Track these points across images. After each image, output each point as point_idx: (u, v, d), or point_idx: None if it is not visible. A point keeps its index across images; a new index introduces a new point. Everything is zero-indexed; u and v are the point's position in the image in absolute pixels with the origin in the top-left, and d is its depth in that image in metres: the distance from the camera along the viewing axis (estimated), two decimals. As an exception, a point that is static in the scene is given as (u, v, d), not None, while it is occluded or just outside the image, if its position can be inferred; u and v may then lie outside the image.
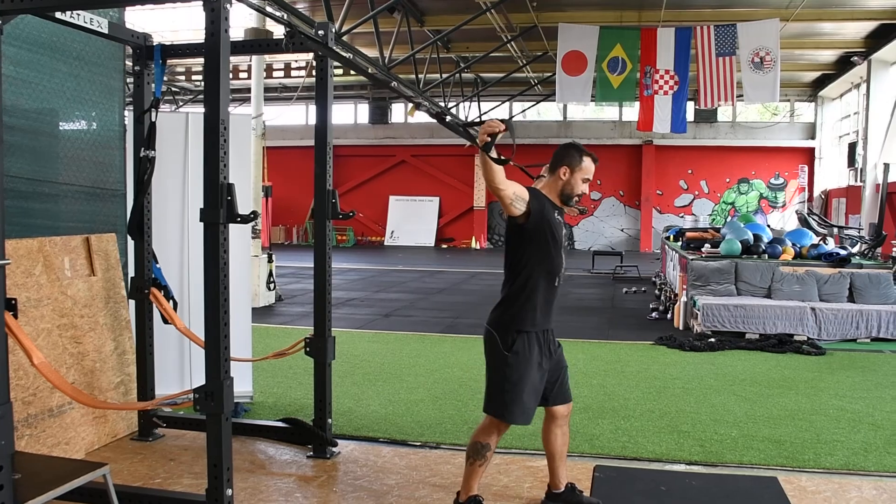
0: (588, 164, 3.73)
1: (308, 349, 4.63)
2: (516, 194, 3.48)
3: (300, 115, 29.48)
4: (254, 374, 6.36)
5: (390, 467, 4.49)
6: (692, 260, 10.23)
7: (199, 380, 5.85)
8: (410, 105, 4.80)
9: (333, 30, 4.45)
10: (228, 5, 3.36)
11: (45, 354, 4.29)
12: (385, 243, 28.75)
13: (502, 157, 3.40)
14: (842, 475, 4.53)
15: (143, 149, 4.55)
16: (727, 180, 26.76)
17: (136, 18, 17.26)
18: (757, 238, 10.75)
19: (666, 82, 16.40)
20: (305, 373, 6.71)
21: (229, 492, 3.48)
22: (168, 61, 4.85)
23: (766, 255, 10.32)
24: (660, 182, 26.94)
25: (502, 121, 3.19)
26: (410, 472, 4.41)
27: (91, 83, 5.09)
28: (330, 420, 4.72)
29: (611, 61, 16.51)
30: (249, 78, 23.68)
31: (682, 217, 22.18)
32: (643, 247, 26.29)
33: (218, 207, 3.39)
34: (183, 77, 24.30)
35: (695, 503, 4.06)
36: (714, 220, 25.09)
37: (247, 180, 5.90)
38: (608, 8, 16.74)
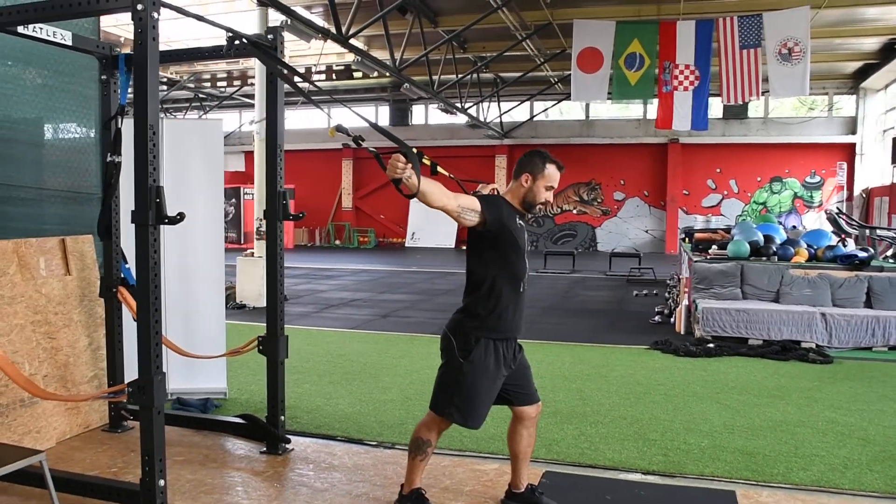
0: (551, 172, 3.68)
1: (261, 348, 4.66)
2: (462, 207, 3.44)
3: (322, 118, 29.77)
4: (231, 370, 6.47)
5: (338, 465, 4.54)
6: (696, 262, 10.08)
7: (176, 376, 6.05)
8: (330, 127, 4.91)
9: (284, 34, 4.49)
10: (156, 14, 3.41)
11: (17, 349, 4.51)
12: (406, 245, 28.88)
13: (431, 163, 3.45)
14: (809, 492, 4.36)
15: (109, 154, 4.64)
16: (758, 179, 26.18)
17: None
18: (768, 239, 10.46)
19: (686, 77, 16.07)
20: (286, 371, 6.86)
21: (161, 482, 3.58)
22: (192, 68, 4.96)
23: (777, 258, 10.07)
24: (686, 182, 26.55)
25: (404, 154, 3.14)
26: (356, 470, 4.46)
27: (66, 92, 5.27)
28: (283, 417, 4.77)
29: (628, 57, 16.24)
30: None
31: (707, 218, 21.91)
32: (668, 248, 25.98)
33: (147, 210, 3.44)
34: (209, 84, 24.64)
35: (637, 512, 4.02)
36: (744, 220, 24.68)
37: (218, 183, 5.98)
38: (625, 2, 16.54)
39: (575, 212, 28.43)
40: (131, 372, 5.60)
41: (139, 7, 3.37)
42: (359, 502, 3.98)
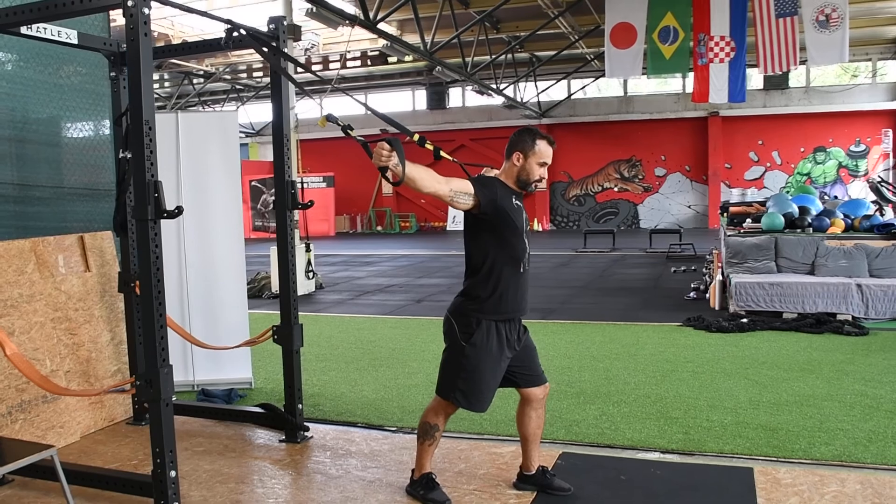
0: (542, 148, 3.63)
1: (275, 337, 4.70)
2: (454, 190, 3.41)
3: (360, 106, 29.86)
4: (258, 360, 6.55)
5: (355, 452, 4.56)
6: (729, 236, 9.89)
7: (202, 368, 6.14)
8: (321, 117, 5.00)
9: (286, 23, 4.49)
10: (146, 9, 3.43)
11: (38, 345, 4.60)
12: (448, 228, 28.89)
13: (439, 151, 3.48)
14: (829, 467, 4.26)
15: (121, 150, 4.71)
16: (802, 150, 25.63)
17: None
18: (803, 211, 10.23)
19: (721, 49, 15.72)
20: (313, 359, 6.96)
21: (173, 473, 3.62)
22: (227, 59, 4.97)
23: (812, 229, 9.83)
24: (728, 155, 26.08)
25: (388, 141, 3.12)
26: (373, 456, 4.47)
27: (79, 91, 5.36)
28: (300, 405, 4.80)
29: (662, 31, 15.96)
30: (309, 70, 24.19)
31: (742, 192, 21.46)
32: (712, 223, 25.51)
33: (146, 204, 3.47)
34: (245, 75, 24.89)
35: (651, 493, 3.94)
36: (788, 192, 24.15)
37: (235, 174, 6.03)
38: (658, -25, 16.18)
39: (616, 189, 28.16)
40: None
41: (129, 3, 3.39)
42: (372, 488, 4.00)
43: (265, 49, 4.32)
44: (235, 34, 4.13)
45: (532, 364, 3.81)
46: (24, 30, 4.09)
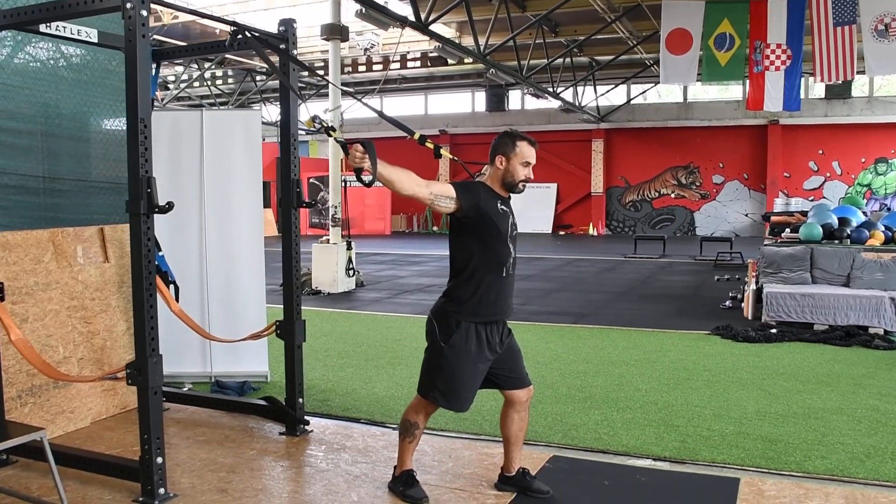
0: (523, 149, 3.66)
1: (278, 332, 4.83)
2: (435, 193, 3.48)
3: (419, 105, 30.11)
4: (276, 354, 6.68)
5: (349, 446, 4.65)
6: (764, 245, 9.72)
7: (219, 360, 6.32)
8: (307, 118, 5.12)
9: (295, 26, 4.62)
10: (144, 12, 3.59)
11: (51, 332, 4.80)
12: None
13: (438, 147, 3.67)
14: (818, 480, 4.20)
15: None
16: (862, 160, 24.90)
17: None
18: (843, 222, 9.98)
19: (777, 57, 15.43)
20: (335, 355, 7.09)
21: (159, 460, 3.78)
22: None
23: (850, 241, 9.57)
24: (787, 164, 25.48)
25: (362, 144, 3.22)
26: (365, 452, 4.56)
27: (104, 88, 5.54)
28: (301, 399, 4.90)
29: (717, 38, 15.76)
30: (370, 70, 24.45)
31: (786, 201, 20.97)
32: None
33: (139, 199, 3.64)
34: (306, 73, 25.38)
35: (631, 500, 3.94)
36: (821, 203, 23.50)
37: (257, 171, 6.20)
38: (714, -17, 15.97)
39: (673, 196, 27.79)
40: (183, 357, 5.96)
41: (128, 6, 3.55)
42: (356, 482, 4.07)
43: (272, 55, 4.45)
44: (240, 37, 4.26)
45: (515, 367, 3.85)
46: (42, 28, 4.28)
